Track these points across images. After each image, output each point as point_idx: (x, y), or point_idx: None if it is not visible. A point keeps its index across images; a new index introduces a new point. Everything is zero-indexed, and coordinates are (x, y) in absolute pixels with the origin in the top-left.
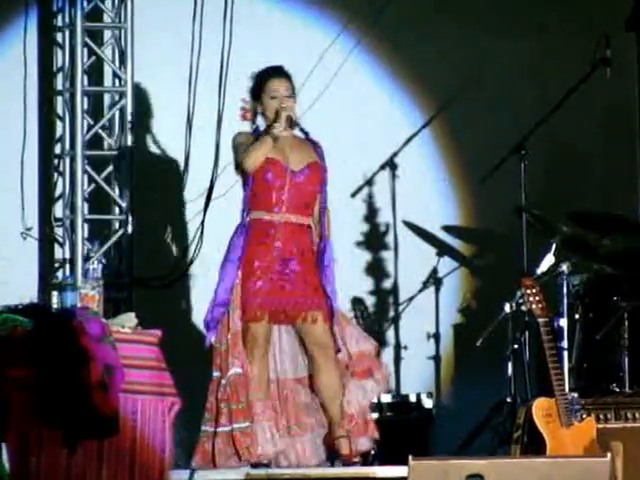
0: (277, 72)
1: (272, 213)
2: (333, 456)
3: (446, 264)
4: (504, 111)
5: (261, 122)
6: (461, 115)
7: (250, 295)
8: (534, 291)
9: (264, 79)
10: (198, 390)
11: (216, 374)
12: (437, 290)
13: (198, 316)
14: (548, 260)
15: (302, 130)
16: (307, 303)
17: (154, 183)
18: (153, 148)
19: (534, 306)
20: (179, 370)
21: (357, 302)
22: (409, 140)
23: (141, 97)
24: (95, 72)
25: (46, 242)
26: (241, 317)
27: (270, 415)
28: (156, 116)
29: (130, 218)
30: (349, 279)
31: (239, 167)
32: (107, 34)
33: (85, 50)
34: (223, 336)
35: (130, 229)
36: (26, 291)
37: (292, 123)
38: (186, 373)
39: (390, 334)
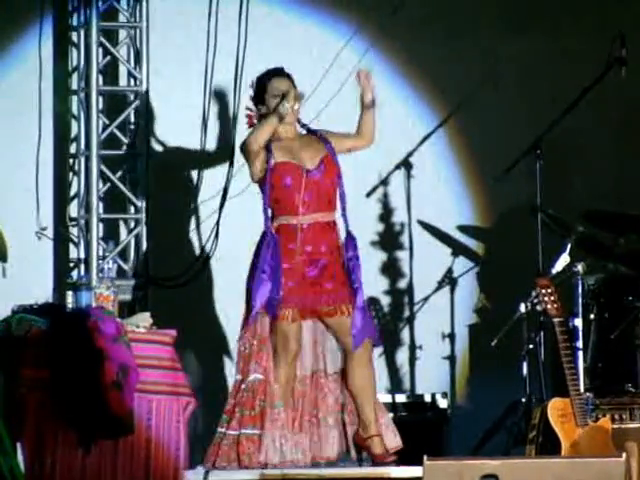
0: (278, 72)
1: (298, 216)
2: (360, 455)
3: (461, 264)
4: (519, 111)
5: None
6: (476, 115)
7: (280, 297)
8: (549, 291)
9: (266, 80)
10: (214, 390)
11: (238, 377)
12: (452, 290)
13: (213, 315)
14: (563, 260)
15: (303, 125)
16: (338, 297)
17: (169, 182)
18: (168, 147)
19: (549, 306)
20: (193, 370)
21: (372, 301)
22: (424, 140)
23: (156, 96)
24: (110, 72)
25: (61, 242)
26: (271, 321)
27: (283, 423)
28: (171, 115)
29: (145, 218)
30: (364, 278)
31: (249, 163)
32: (122, 33)
33: (100, 50)
34: (248, 340)
35: (145, 229)
36: (41, 291)
37: (298, 98)
38: (202, 373)
39: (405, 334)
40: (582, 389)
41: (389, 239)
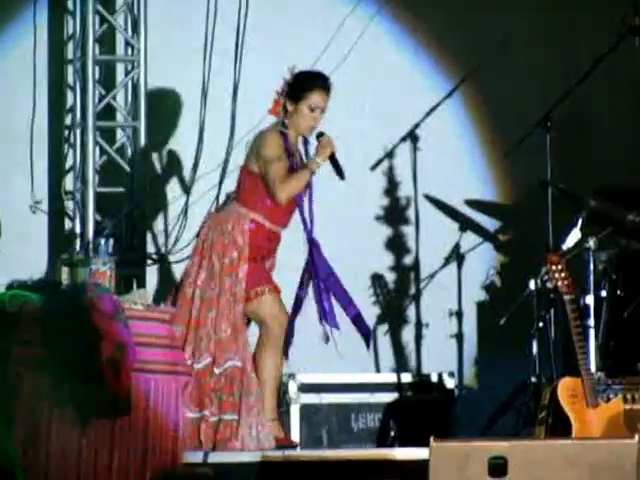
0: (324, 85)
1: (275, 225)
2: None
3: (469, 239)
4: (530, 82)
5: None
6: (485, 86)
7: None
8: (559, 267)
9: (310, 87)
10: None
11: (207, 361)
12: (459, 266)
13: None
14: (574, 235)
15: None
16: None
17: (168, 155)
18: (167, 119)
19: (559, 283)
20: None
21: (377, 278)
22: (431, 112)
23: (154, 66)
24: (107, 40)
25: (56, 216)
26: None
27: (258, 410)
28: (170, 86)
29: (143, 191)
30: (368, 254)
31: (271, 191)
32: (119, 1)
33: (97, 18)
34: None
35: (143, 203)
36: (35, 267)
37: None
38: None
39: (411, 311)
40: (593, 369)
41: (394, 214)
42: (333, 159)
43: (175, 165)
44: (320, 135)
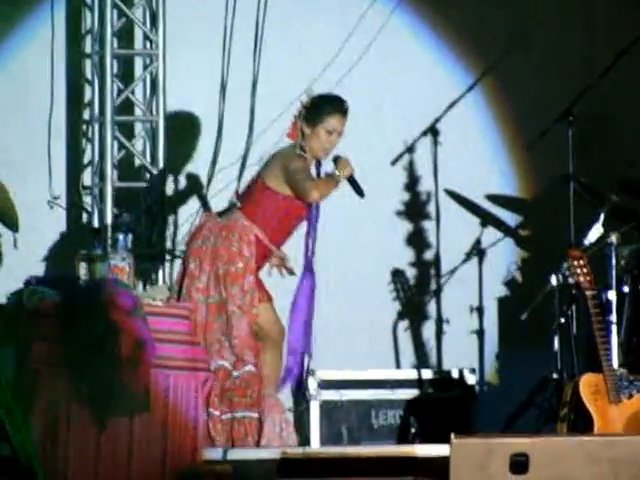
0: (341, 109)
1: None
2: None
3: (490, 234)
4: (551, 75)
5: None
6: (506, 79)
7: None
8: (581, 263)
9: (327, 111)
10: None
11: (218, 364)
12: (480, 261)
13: None
14: (596, 230)
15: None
16: None
17: (186, 150)
18: (186, 113)
19: (581, 278)
20: None
21: (397, 274)
22: (451, 105)
23: (173, 60)
24: (125, 34)
25: (74, 211)
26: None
27: (282, 409)
28: (189, 80)
29: (162, 186)
30: (389, 250)
31: (304, 191)
32: None
33: (115, 11)
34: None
35: (162, 197)
36: (54, 262)
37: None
38: None
39: (432, 307)
40: (615, 365)
41: (415, 209)
42: (352, 180)
43: (194, 160)
44: (336, 158)
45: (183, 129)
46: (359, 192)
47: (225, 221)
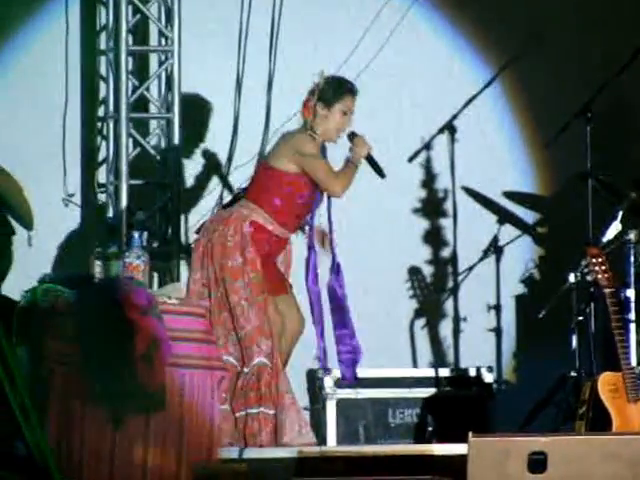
0: (353, 90)
1: (283, 226)
2: None
3: (507, 232)
4: (570, 71)
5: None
6: (523, 76)
7: None
8: (600, 260)
9: (343, 92)
10: None
11: (226, 358)
12: (498, 259)
13: None
14: (614, 228)
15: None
16: None
17: (202, 147)
18: (201, 110)
19: (600, 276)
20: None
21: (414, 271)
22: (469, 102)
23: (188, 57)
24: (140, 31)
25: (89, 209)
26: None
27: (298, 409)
28: (204, 77)
29: (177, 184)
30: (406, 247)
31: (326, 184)
32: None
33: (130, 8)
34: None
35: (177, 195)
36: (68, 260)
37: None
38: None
39: (449, 305)
40: (634, 363)
41: (432, 206)
42: (370, 158)
43: (210, 157)
44: (352, 135)
45: (194, 109)
46: (379, 172)
47: (226, 214)
